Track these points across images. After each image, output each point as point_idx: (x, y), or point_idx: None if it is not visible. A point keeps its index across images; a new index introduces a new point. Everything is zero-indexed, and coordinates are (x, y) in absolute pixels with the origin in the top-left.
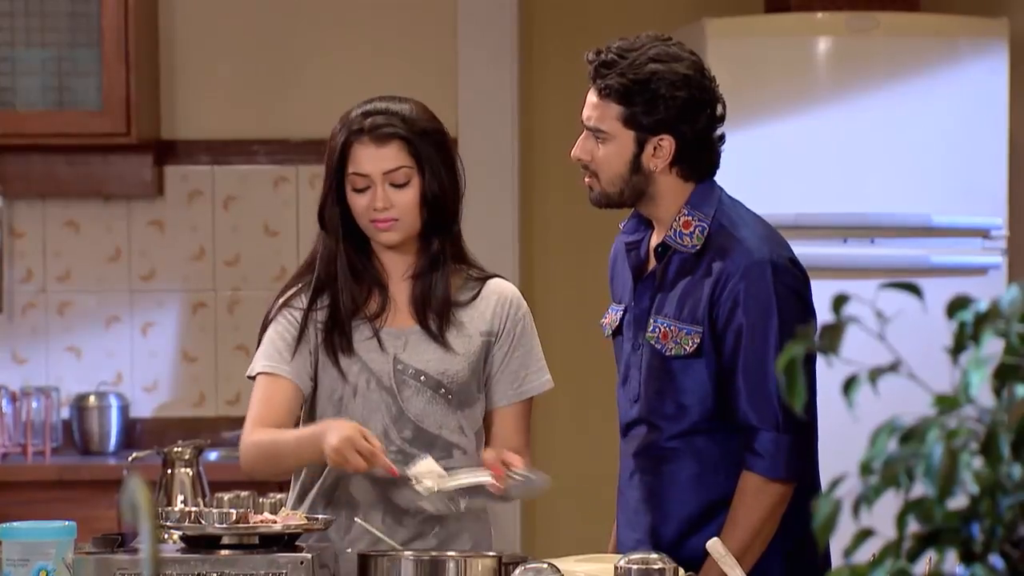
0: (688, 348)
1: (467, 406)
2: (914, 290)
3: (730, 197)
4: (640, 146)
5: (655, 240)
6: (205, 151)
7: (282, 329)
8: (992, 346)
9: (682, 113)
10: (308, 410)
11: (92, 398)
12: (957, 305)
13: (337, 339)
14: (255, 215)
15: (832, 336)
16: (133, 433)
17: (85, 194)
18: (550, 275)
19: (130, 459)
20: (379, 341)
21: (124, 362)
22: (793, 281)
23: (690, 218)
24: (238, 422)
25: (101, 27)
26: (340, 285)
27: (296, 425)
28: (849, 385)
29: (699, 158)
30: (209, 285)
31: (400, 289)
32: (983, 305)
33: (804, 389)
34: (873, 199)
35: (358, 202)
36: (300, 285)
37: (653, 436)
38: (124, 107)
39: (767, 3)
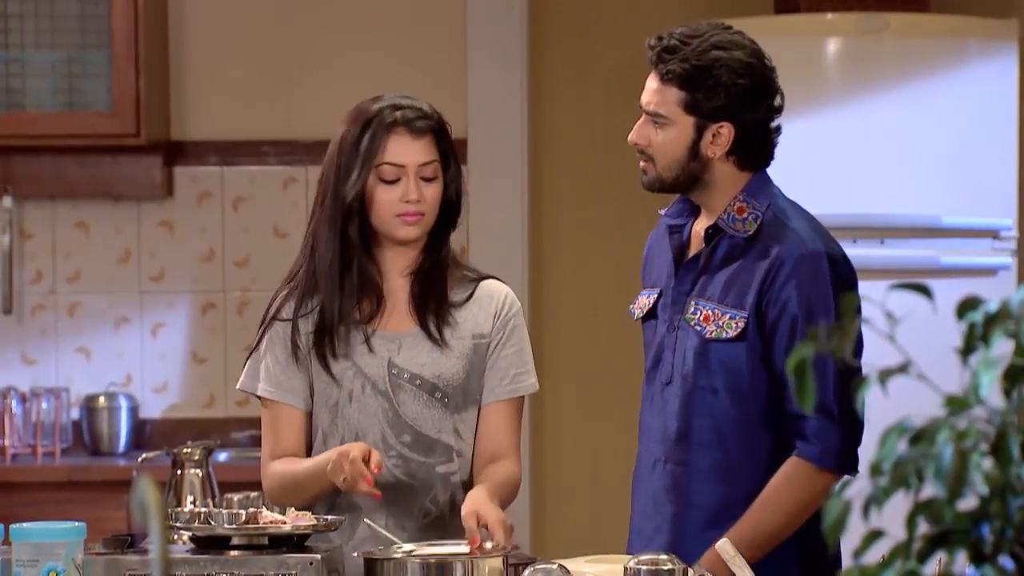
0: (731, 332)
1: (464, 409)
2: (924, 291)
3: (784, 194)
4: (699, 132)
5: (701, 224)
6: (214, 152)
7: (276, 348)
8: (1002, 347)
9: (743, 101)
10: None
11: (102, 399)
12: (967, 306)
13: (328, 344)
14: (264, 216)
15: (841, 337)
16: (143, 434)
17: (95, 195)
18: (560, 277)
19: (140, 460)
20: (371, 345)
21: (134, 363)
22: (847, 275)
23: (745, 205)
24: (248, 423)
25: (111, 29)
26: (332, 286)
27: (311, 445)
28: (859, 386)
29: (756, 148)
30: (218, 286)
31: (397, 287)
32: (993, 306)
33: (814, 390)
34: (882, 200)
35: (386, 195)
36: (287, 291)
37: (683, 421)
38: (134, 108)
39: (776, 4)
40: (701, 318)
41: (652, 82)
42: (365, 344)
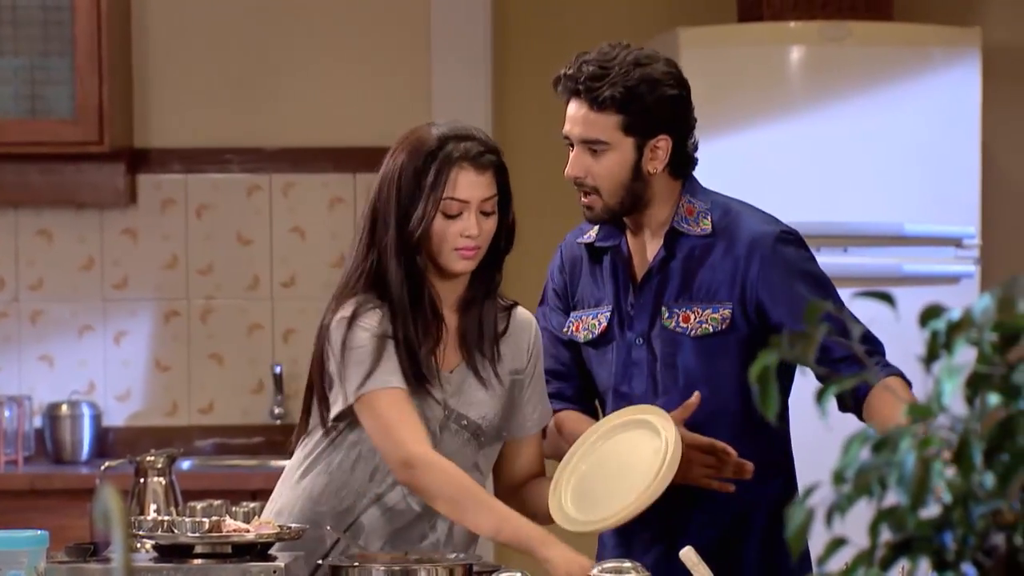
0: (719, 325)
1: (489, 444)
2: (887, 299)
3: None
4: (639, 151)
5: (640, 238)
6: (178, 160)
7: (390, 351)
8: (965, 355)
9: (675, 110)
10: (340, 433)
11: (65, 407)
12: (930, 314)
13: (419, 377)
14: (228, 224)
15: (804, 345)
16: (106, 442)
17: (58, 203)
18: (525, 284)
19: (103, 468)
20: (435, 383)
21: (97, 371)
22: (806, 244)
23: (691, 205)
24: (210, 431)
25: (74, 36)
26: (406, 318)
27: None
28: (822, 394)
29: (688, 154)
30: (182, 294)
31: (448, 319)
32: (956, 314)
33: (777, 398)
34: (846, 208)
35: (447, 228)
36: (379, 311)
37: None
38: (97, 116)
39: (740, 12)
40: (680, 320)
41: (580, 110)
42: (432, 381)
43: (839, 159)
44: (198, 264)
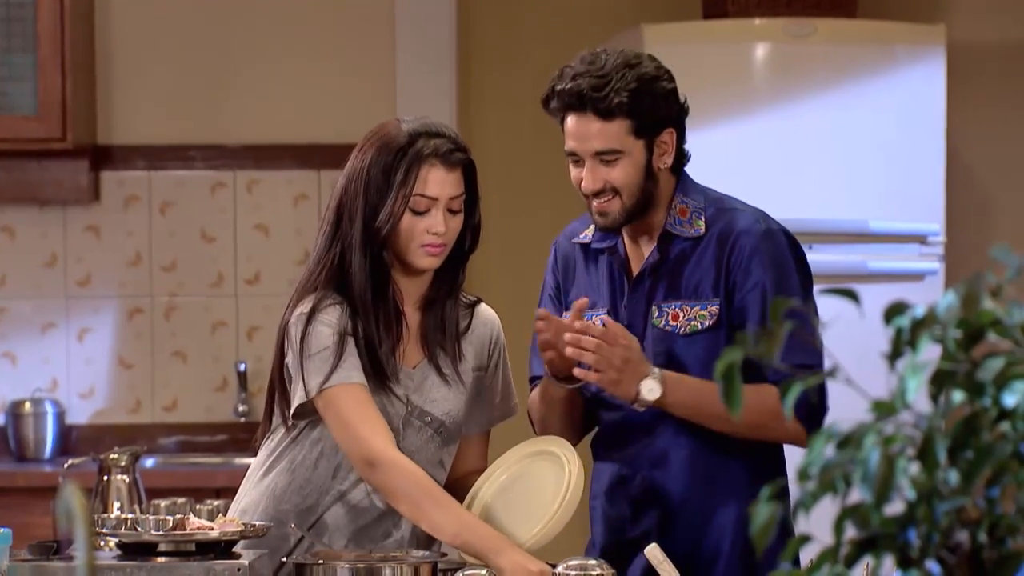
0: (707, 322)
1: (452, 442)
2: (852, 296)
3: (707, 186)
4: (650, 151)
5: (635, 238)
6: (141, 156)
7: (351, 347)
8: (929, 352)
9: (672, 102)
10: (302, 430)
11: (27, 404)
12: (894, 311)
13: (379, 373)
14: (192, 220)
15: (769, 342)
16: (69, 440)
17: (20, 200)
18: (489, 283)
19: (66, 466)
20: (396, 380)
21: (60, 368)
22: (799, 248)
23: (684, 205)
24: (174, 428)
25: (37, 32)
26: (367, 314)
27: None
28: (786, 391)
29: (683, 148)
30: (146, 291)
31: (408, 315)
32: (920, 311)
33: (742, 395)
34: (810, 205)
35: (415, 224)
36: (339, 307)
37: (657, 428)
38: (60, 112)
39: (705, 9)
40: (670, 318)
41: (586, 124)
42: (392, 378)
43: (804, 156)
44: (162, 261)
